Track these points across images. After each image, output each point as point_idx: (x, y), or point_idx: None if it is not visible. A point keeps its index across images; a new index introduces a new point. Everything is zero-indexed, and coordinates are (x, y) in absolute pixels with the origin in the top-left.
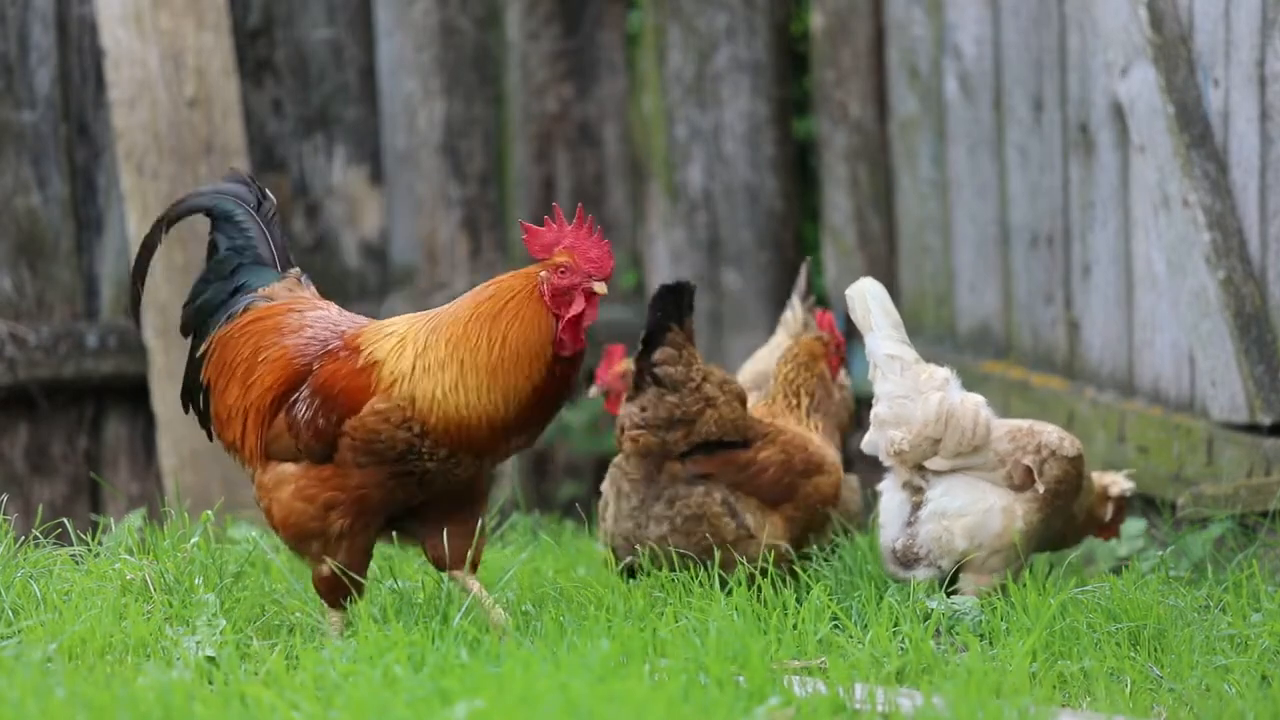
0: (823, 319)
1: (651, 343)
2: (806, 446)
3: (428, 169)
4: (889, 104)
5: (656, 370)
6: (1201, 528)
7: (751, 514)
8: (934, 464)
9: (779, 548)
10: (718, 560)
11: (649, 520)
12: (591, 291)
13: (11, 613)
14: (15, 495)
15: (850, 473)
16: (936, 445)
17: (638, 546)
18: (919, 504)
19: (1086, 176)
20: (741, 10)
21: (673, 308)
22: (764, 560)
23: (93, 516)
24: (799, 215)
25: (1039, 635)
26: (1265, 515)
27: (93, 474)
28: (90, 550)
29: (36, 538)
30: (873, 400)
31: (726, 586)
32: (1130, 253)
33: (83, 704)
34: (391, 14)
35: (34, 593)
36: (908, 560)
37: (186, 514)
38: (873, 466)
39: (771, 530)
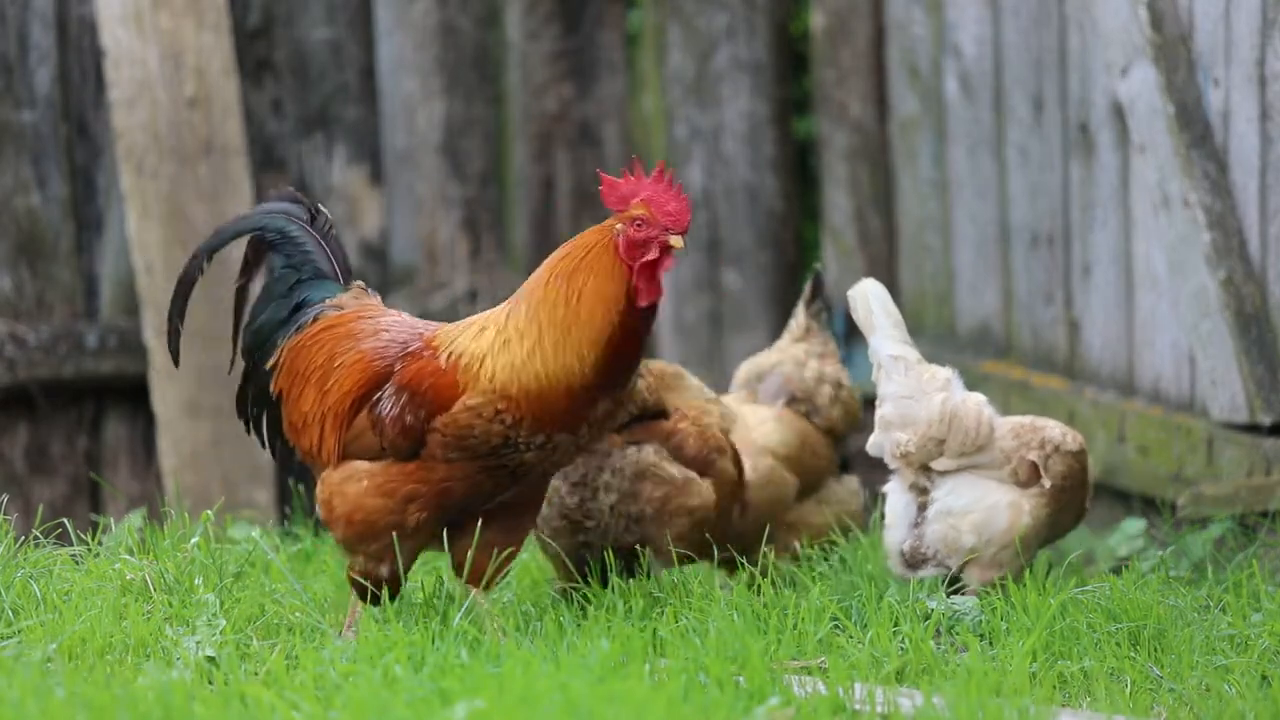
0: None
1: None
2: (712, 425)
3: (427, 169)
4: (889, 104)
5: None
6: (1201, 528)
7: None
8: (939, 464)
9: (712, 507)
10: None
11: (599, 490)
12: (668, 245)
13: (11, 613)
14: (15, 495)
15: (848, 473)
16: (941, 446)
17: (588, 523)
18: (925, 504)
19: (1087, 176)
20: (741, 10)
21: None
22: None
23: (93, 516)
24: (799, 215)
25: (1039, 635)
26: (1265, 515)
27: (93, 474)
28: (90, 550)
29: (36, 538)
30: (876, 401)
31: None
32: (1130, 253)
33: (83, 704)
34: (391, 14)
35: (34, 593)
36: (916, 561)
37: (186, 514)
38: (870, 468)
39: (706, 486)
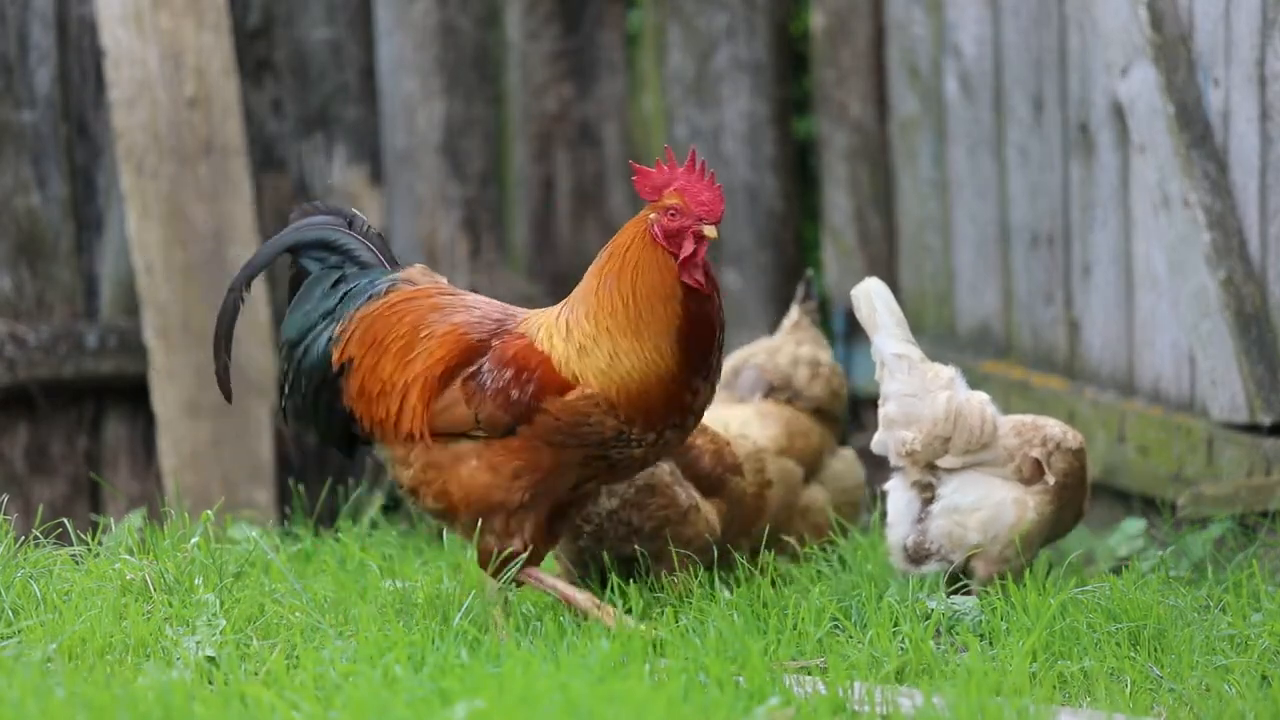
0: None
1: None
2: (729, 444)
3: (427, 169)
4: (889, 104)
5: None
6: (1201, 528)
7: (695, 493)
8: (945, 461)
9: (715, 534)
10: (668, 536)
11: (602, 493)
12: (701, 235)
13: (11, 613)
14: (15, 495)
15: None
16: (946, 444)
17: (585, 526)
18: (929, 500)
19: (1087, 176)
20: (741, 10)
21: None
22: (711, 537)
23: (93, 516)
24: (799, 215)
25: (1039, 635)
26: (1265, 515)
27: (93, 474)
28: (90, 550)
29: (36, 538)
30: (879, 400)
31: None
32: (1130, 253)
33: (83, 704)
34: (391, 14)
35: (34, 593)
36: (919, 557)
37: (186, 514)
38: (873, 467)
39: (711, 513)
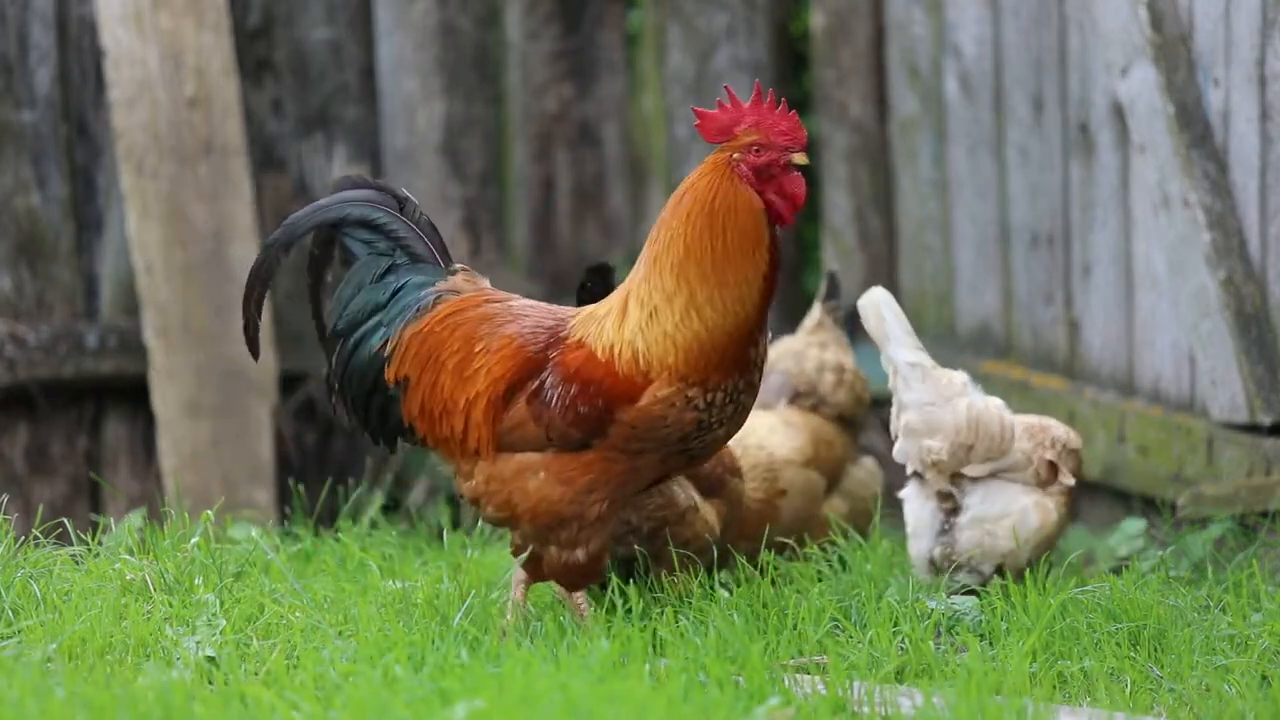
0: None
1: None
2: (727, 445)
3: (427, 169)
4: (889, 104)
5: None
6: (1201, 528)
7: (695, 494)
8: (972, 470)
9: (714, 534)
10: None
11: None
12: (792, 164)
13: (11, 613)
14: (15, 495)
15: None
16: (970, 452)
17: None
18: (952, 510)
19: (1087, 176)
20: (741, 10)
21: (601, 290)
22: (710, 537)
23: (93, 516)
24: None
25: (1039, 635)
26: (1265, 515)
27: (93, 474)
28: (90, 550)
29: (36, 538)
30: (895, 409)
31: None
32: (1130, 253)
33: (83, 704)
34: (391, 14)
35: (34, 593)
36: (947, 569)
37: (186, 514)
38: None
39: (710, 514)
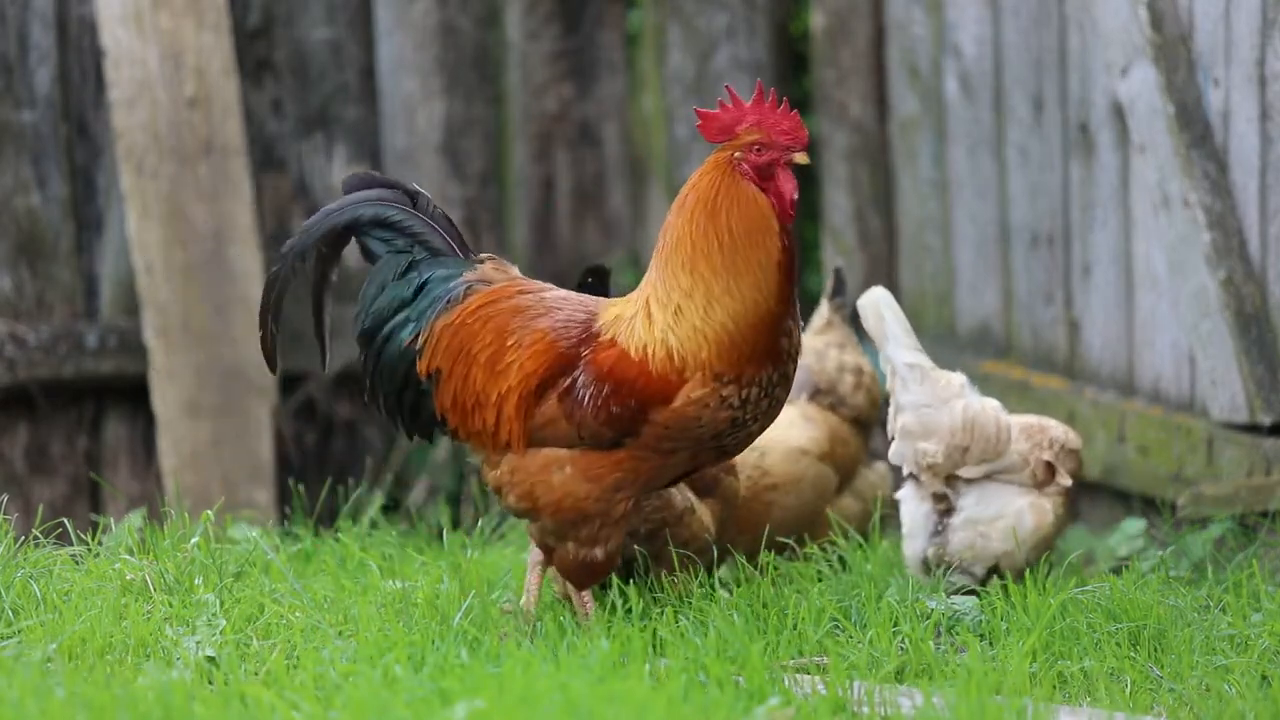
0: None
1: None
2: None
3: (427, 169)
4: (889, 104)
5: None
6: (1201, 528)
7: (690, 494)
8: (967, 472)
9: (711, 534)
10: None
11: None
12: (794, 164)
13: (11, 613)
14: (15, 495)
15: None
16: (965, 454)
17: None
18: (946, 511)
19: (1086, 176)
20: (741, 10)
21: (598, 291)
22: (708, 537)
23: (93, 516)
24: (799, 215)
25: (1039, 635)
26: (1265, 515)
27: (93, 474)
28: (90, 550)
29: (36, 538)
30: (893, 409)
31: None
32: (1130, 253)
33: (83, 704)
34: (391, 14)
35: (34, 593)
36: (940, 570)
37: (186, 514)
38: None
39: (706, 514)
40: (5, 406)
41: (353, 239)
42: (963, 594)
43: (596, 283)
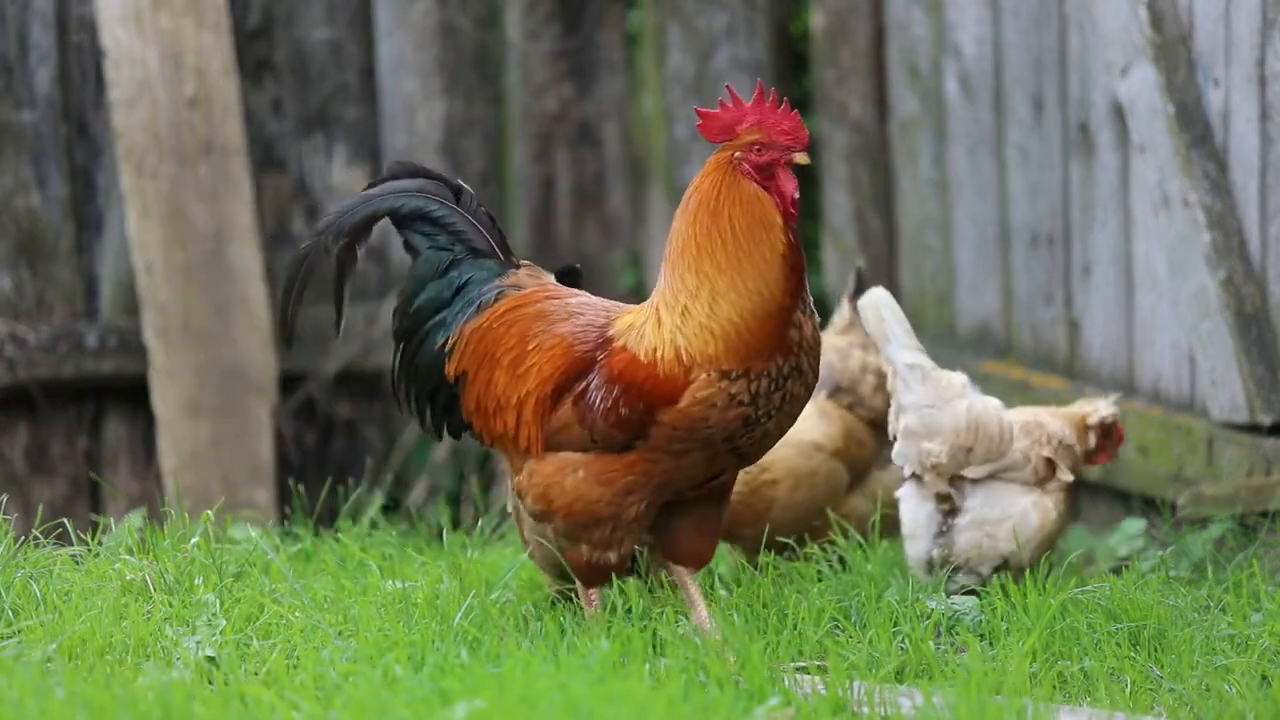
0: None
1: None
2: None
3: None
4: (889, 104)
5: None
6: (1201, 528)
7: None
8: (972, 472)
9: None
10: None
11: None
12: (793, 164)
13: (11, 613)
14: (15, 495)
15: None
16: (969, 454)
17: None
18: (949, 512)
19: (1087, 176)
20: (741, 10)
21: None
22: None
23: (93, 516)
24: (799, 215)
25: (1039, 635)
26: (1265, 515)
27: (93, 474)
28: (90, 550)
29: (36, 538)
30: (894, 410)
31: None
32: (1130, 253)
33: (83, 704)
34: (391, 14)
35: (34, 593)
36: (945, 571)
37: (186, 514)
38: None
39: None
40: (5, 406)
41: (406, 232)
42: (962, 594)
43: (569, 283)
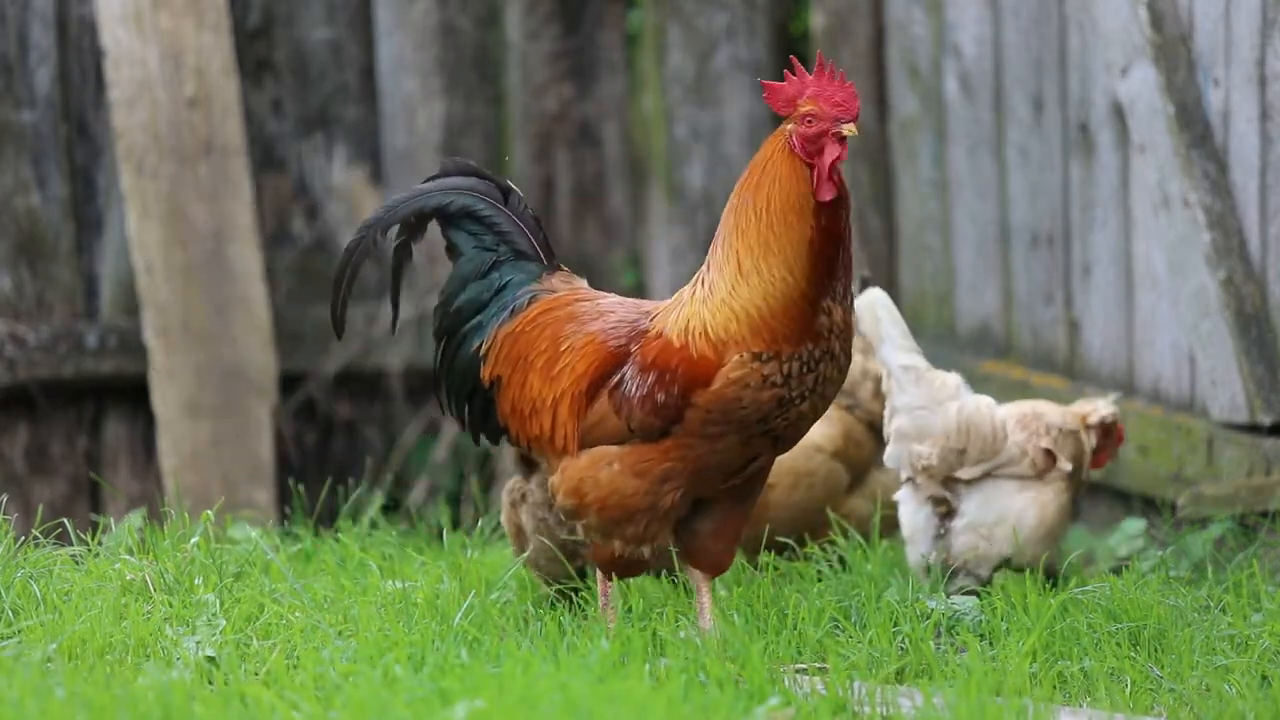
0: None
1: None
2: None
3: (427, 169)
4: (889, 104)
5: None
6: (1201, 528)
7: None
8: (965, 473)
9: None
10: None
11: None
12: (841, 135)
13: (11, 613)
14: (15, 495)
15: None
16: (962, 456)
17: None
18: (946, 514)
19: (1087, 176)
20: (741, 10)
21: None
22: None
23: (93, 516)
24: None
25: (1039, 635)
26: (1265, 515)
27: (93, 474)
28: (90, 550)
29: (36, 538)
30: (888, 411)
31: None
32: (1130, 253)
33: (83, 704)
34: (391, 14)
35: (34, 593)
36: (945, 574)
37: (186, 514)
38: None
39: None
40: (5, 406)
41: (452, 231)
42: (963, 594)
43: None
